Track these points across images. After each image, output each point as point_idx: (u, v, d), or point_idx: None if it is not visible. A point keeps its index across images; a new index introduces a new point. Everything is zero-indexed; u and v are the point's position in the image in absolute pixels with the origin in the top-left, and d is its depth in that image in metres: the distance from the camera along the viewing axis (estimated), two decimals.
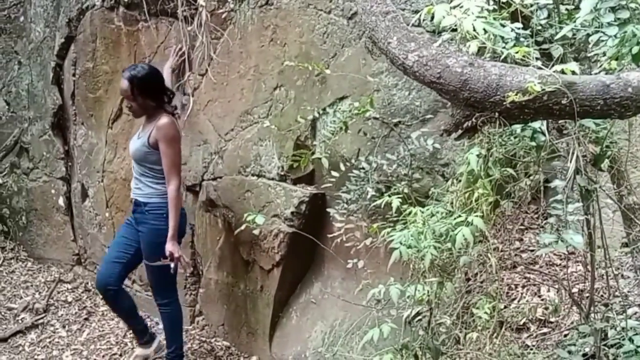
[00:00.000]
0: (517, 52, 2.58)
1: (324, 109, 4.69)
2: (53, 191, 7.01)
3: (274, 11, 5.11)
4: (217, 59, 5.46)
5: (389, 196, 3.36)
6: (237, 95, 5.38)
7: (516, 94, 2.31)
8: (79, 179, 6.77)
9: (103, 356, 5.54)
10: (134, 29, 6.04)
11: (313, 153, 4.64)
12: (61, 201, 6.87)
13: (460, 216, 2.56)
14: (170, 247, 4.72)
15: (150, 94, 4.93)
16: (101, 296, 5.30)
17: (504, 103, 2.35)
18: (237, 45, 5.39)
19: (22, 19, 7.69)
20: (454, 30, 2.66)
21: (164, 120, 4.86)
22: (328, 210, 4.39)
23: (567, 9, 3.00)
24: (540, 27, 2.95)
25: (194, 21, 5.32)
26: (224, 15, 5.32)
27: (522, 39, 2.79)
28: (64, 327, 5.91)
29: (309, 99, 4.88)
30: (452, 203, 2.93)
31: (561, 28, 2.85)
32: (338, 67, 4.71)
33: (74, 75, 6.62)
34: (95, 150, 6.55)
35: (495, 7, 2.71)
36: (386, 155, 4.16)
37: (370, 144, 4.48)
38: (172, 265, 4.75)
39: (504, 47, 2.64)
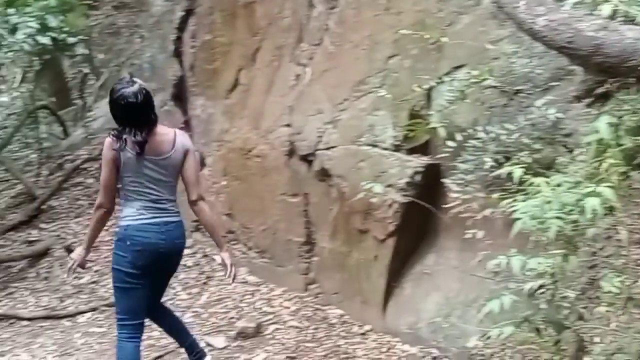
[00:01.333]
0: None
1: (440, 78, 4.62)
2: None
3: None
4: (331, 29, 5.47)
5: (511, 166, 3.26)
6: (352, 65, 5.38)
7: None
8: (197, 148, 6.98)
9: (221, 319, 5.74)
10: (250, 1, 6.14)
11: (428, 123, 4.58)
12: None
13: (588, 187, 2.46)
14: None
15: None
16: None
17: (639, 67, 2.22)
18: (351, 14, 5.38)
19: None
20: None
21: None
22: (443, 180, 4.34)
23: None
24: None
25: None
26: None
27: None
28: (184, 289, 6.14)
29: (424, 68, 4.81)
30: (577, 173, 2.82)
31: None
32: (455, 35, 4.62)
33: (192, 47, 6.82)
34: (213, 119, 6.74)
35: None
36: (505, 124, 4.05)
37: (489, 113, 4.37)
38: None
39: (639, 10, 2.49)
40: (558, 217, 2.52)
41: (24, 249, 7.54)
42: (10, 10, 6.62)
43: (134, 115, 3.80)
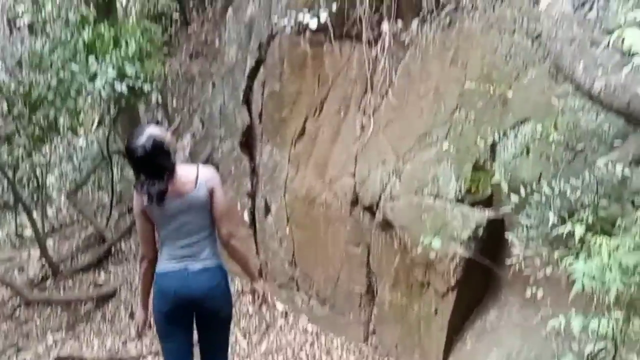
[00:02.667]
0: None
1: (505, 132, 4.59)
2: (239, 206, 7.39)
3: (456, 32, 5.09)
4: (397, 81, 5.53)
5: (572, 224, 3.20)
6: (416, 116, 5.40)
7: None
8: (262, 195, 7.09)
9: None
10: (318, 51, 6.26)
11: (492, 176, 4.54)
12: (246, 216, 7.23)
13: None
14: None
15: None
16: None
17: None
18: (417, 66, 5.42)
19: (217, 42, 8.24)
20: None
21: None
22: (506, 235, 4.27)
23: None
24: None
25: (377, 45, 5.41)
26: (407, 38, 5.37)
27: None
28: (244, 337, 6.19)
29: (489, 120, 4.79)
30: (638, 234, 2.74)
31: None
32: (521, 88, 4.60)
33: (262, 95, 6.99)
34: (279, 167, 6.84)
35: None
36: (570, 180, 3.97)
37: (554, 168, 4.29)
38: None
39: None
40: (619, 280, 2.45)
41: (91, 291, 7.74)
42: (91, 58, 6.94)
43: (146, 166, 3.82)
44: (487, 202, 4.86)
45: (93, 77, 6.84)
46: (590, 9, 4.28)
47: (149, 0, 11.48)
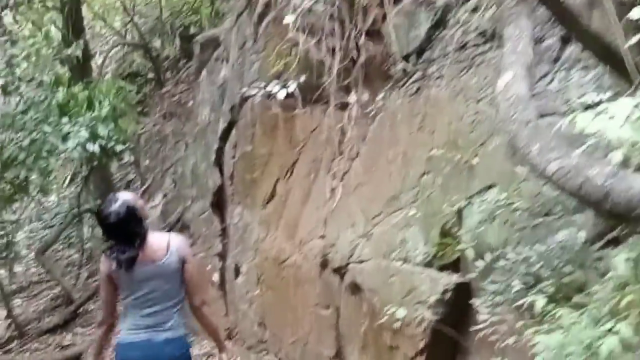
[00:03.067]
0: None
1: (471, 197, 4.67)
2: (209, 267, 7.37)
3: (424, 99, 5.20)
4: (367, 144, 5.62)
5: (535, 293, 3.24)
6: (385, 180, 5.47)
7: None
8: (233, 256, 7.08)
9: None
10: (290, 115, 6.36)
11: (459, 242, 4.60)
12: (216, 277, 7.21)
13: (605, 324, 2.43)
14: None
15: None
16: None
17: None
18: (386, 132, 5.52)
19: (191, 103, 8.33)
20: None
21: None
22: (472, 301, 4.31)
23: None
24: None
25: (346, 110, 5.52)
26: (376, 106, 5.49)
27: None
28: None
29: (456, 186, 4.87)
30: (597, 309, 2.79)
31: None
32: (486, 155, 4.69)
33: (233, 157, 7.05)
34: (249, 228, 6.86)
35: None
36: (534, 246, 4.04)
37: (518, 234, 4.36)
38: None
39: None
40: (579, 356, 2.48)
41: (57, 353, 7.59)
42: (64, 119, 6.97)
43: (119, 232, 3.81)
44: (455, 267, 4.89)
45: (66, 138, 6.86)
46: (551, 81, 4.43)
47: (124, 60, 11.62)
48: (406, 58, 5.33)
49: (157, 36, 11.31)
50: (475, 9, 4.80)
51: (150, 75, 11.02)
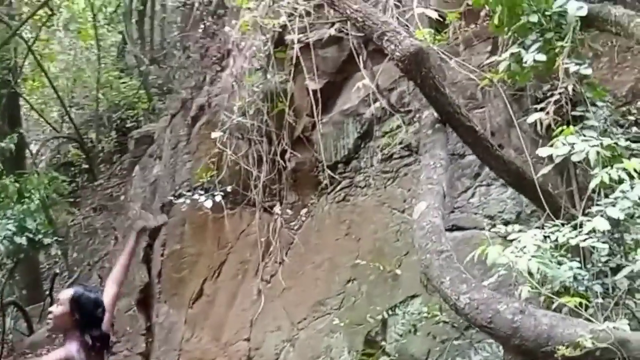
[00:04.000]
0: (568, 302, 2.57)
1: (394, 308, 4.70)
2: None
3: (350, 207, 5.29)
4: (294, 248, 5.64)
5: None
6: (312, 285, 5.47)
7: (567, 348, 2.27)
8: (156, 356, 6.87)
9: None
10: (219, 215, 6.34)
11: (383, 350, 4.60)
12: None
13: None
14: None
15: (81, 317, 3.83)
16: None
17: (555, 355, 2.31)
18: (313, 237, 5.57)
19: (122, 197, 8.24)
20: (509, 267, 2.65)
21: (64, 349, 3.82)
22: None
23: (633, 239, 2.94)
24: (601, 263, 2.92)
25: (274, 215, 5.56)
26: (304, 211, 5.55)
27: (580, 279, 2.77)
28: None
29: (380, 294, 4.90)
30: None
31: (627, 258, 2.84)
32: (410, 265, 4.75)
33: (162, 255, 6.94)
34: (175, 328, 6.69)
35: (553, 244, 2.70)
36: (456, 359, 4.07)
37: (440, 347, 4.40)
38: None
39: (555, 293, 2.64)
40: None
41: None
42: None
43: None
44: None
45: None
46: (472, 195, 4.58)
47: (59, 151, 11.52)
48: (334, 166, 5.45)
49: (93, 128, 11.30)
50: (400, 124, 4.98)
51: (84, 166, 10.93)
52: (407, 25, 4.07)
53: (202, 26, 7.23)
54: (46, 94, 12.08)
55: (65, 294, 3.83)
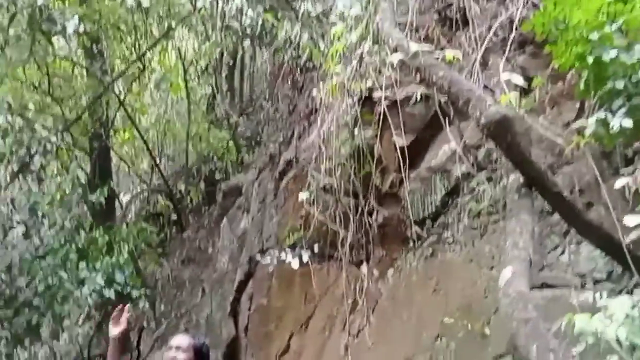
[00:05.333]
0: None
1: None
2: None
3: (438, 263, 5.28)
4: (382, 304, 5.65)
5: None
6: (399, 341, 5.45)
7: None
8: None
9: None
10: (306, 270, 6.44)
11: None
12: None
13: None
14: None
15: None
16: None
17: None
18: (401, 292, 5.57)
19: (210, 250, 8.43)
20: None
21: None
22: None
23: None
24: None
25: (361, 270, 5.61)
26: (391, 267, 5.59)
27: None
28: None
29: (469, 353, 4.83)
30: None
31: None
32: (498, 323, 4.69)
33: (249, 309, 7.07)
34: None
35: None
36: None
37: None
38: None
39: None
40: None
41: None
42: (81, 264, 7.10)
43: None
44: None
45: (82, 283, 6.95)
46: (562, 253, 4.51)
47: (148, 201, 11.87)
48: (422, 222, 5.47)
49: (182, 179, 11.62)
50: (489, 179, 4.97)
51: (173, 217, 11.22)
52: (492, 90, 4.12)
53: (291, 80, 7.44)
54: (136, 145, 12.49)
55: (186, 341, 4.12)
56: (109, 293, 7.02)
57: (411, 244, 5.55)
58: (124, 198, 12.75)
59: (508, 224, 3.46)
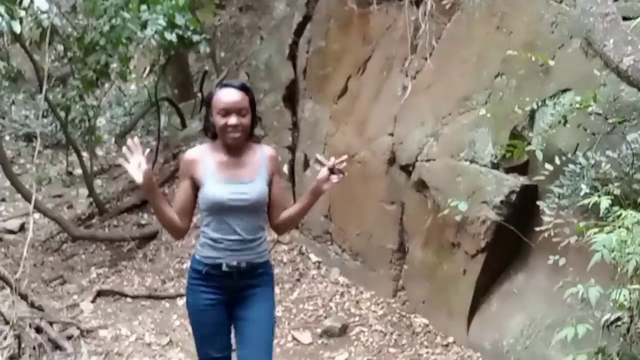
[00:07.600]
0: None
1: (544, 101, 4.63)
2: (279, 158, 7.54)
3: None
4: (441, 44, 5.57)
5: (600, 196, 3.27)
6: (458, 80, 5.45)
7: None
8: (302, 149, 7.23)
9: (309, 316, 5.95)
10: (365, 11, 6.32)
11: (529, 144, 4.60)
12: (285, 168, 7.38)
13: None
14: None
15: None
16: None
17: None
18: (462, 31, 5.46)
19: None
20: None
21: (269, 148, 3.75)
22: (538, 203, 4.35)
23: None
24: None
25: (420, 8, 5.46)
26: (451, 3, 5.41)
27: None
28: (277, 284, 6.40)
29: (529, 88, 4.82)
30: None
31: None
32: (564, 58, 4.62)
33: (307, 52, 7.09)
34: (320, 123, 6.96)
35: None
36: (606, 152, 4.02)
37: (590, 139, 4.33)
38: None
39: None
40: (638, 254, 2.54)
41: (134, 230, 8.03)
42: (143, 7, 7.07)
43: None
44: (522, 169, 4.92)
45: (144, 25, 6.98)
46: None
47: None
48: None
49: None
50: None
51: None
52: None
53: None
54: None
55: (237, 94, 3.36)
56: (171, 36, 7.04)
57: None
58: None
59: None
